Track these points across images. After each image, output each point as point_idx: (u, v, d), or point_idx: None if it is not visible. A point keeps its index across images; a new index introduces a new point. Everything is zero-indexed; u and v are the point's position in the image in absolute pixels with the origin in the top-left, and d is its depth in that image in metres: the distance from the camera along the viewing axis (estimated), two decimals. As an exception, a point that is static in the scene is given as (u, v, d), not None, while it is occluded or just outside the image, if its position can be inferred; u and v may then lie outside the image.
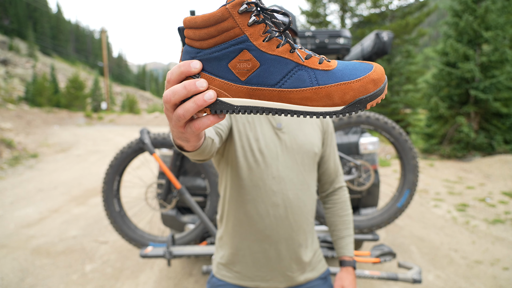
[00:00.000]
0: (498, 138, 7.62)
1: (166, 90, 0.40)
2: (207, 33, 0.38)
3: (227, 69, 0.39)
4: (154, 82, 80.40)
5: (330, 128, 1.12)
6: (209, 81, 0.39)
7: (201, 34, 0.38)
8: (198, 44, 0.39)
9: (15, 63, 33.21)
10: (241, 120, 0.99)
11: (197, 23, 0.37)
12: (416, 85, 12.23)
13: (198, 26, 0.38)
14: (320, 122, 1.09)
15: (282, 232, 0.97)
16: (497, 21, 7.50)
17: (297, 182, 0.99)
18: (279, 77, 0.38)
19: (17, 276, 2.56)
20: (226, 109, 0.40)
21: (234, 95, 0.39)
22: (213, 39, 0.38)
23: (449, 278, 2.53)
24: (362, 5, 13.19)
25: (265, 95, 0.39)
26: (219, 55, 0.38)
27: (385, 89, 0.40)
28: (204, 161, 0.72)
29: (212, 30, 0.37)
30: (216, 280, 1.04)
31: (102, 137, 12.75)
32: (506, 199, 4.69)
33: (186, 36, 0.39)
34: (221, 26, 0.37)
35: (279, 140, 0.99)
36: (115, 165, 1.94)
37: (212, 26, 0.37)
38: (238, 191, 0.98)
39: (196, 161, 0.71)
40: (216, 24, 0.37)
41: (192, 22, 0.38)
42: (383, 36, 2.40)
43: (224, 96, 0.39)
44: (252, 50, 0.38)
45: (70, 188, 5.25)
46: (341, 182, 1.15)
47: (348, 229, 1.10)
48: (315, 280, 1.05)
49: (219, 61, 0.39)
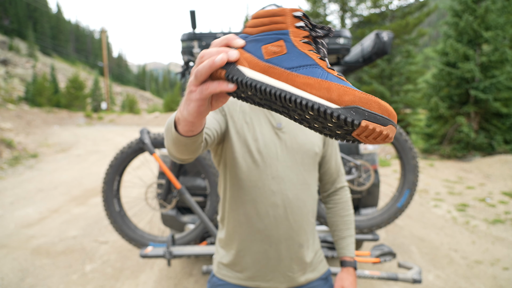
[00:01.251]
0: (498, 138, 7.62)
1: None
2: (261, 21, 0.45)
3: (259, 49, 0.44)
4: (154, 82, 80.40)
5: None
6: (240, 53, 0.45)
7: (257, 22, 0.45)
8: (249, 30, 0.46)
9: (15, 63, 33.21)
10: (239, 121, 0.98)
11: (260, 13, 0.45)
12: (416, 85, 12.22)
13: (259, 16, 0.45)
14: None
15: (282, 233, 0.97)
16: (497, 21, 7.49)
17: (297, 182, 0.99)
18: (296, 64, 0.42)
19: (17, 276, 2.56)
20: (236, 75, 0.43)
21: (251, 67, 0.44)
22: (262, 27, 0.45)
23: (449, 278, 2.53)
24: (362, 5, 13.18)
25: (275, 73, 0.42)
26: (259, 38, 0.45)
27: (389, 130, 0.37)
28: (185, 160, 0.72)
29: (266, 20, 0.45)
30: (217, 280, 1.04)
31: (102, 137, 12.76)
32: (506, 199, 4.69)
33: (247, 25, 0.47)
34: (274, 19, 0.44)
35: (279, 140, 0.99)
36: (115, 165, 1.94)
37: (267, 17, 0.44)
38: (237, 191, 0.98)
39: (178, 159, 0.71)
40: (271, 16, 0.44)
41: (257, 13, 0.46)
42: (383, 36, 2.40)
43: (242, 65, 0.44)
44: (287, 41, 0.43)
45: (70, 188, 5.25)
46: (343, 182, 1.14)
47: (349, 229, 1.10)
48: (316, 281, 1.05)
49: (257, 42, 0.45)
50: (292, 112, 0.43)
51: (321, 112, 0.37)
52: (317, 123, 0.41)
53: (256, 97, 0.44)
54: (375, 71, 11.92)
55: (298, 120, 0.44)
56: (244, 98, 0.47)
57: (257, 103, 0.46)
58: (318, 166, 1.11)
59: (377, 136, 0.38)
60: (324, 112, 0.37)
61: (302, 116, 0.42)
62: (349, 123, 0.36)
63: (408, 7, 12.77)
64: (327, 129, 0.41)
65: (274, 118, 1.01)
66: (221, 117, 0.96)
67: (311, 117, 0.41)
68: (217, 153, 1.02)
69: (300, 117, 0.43)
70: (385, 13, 12.77)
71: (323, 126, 0.41)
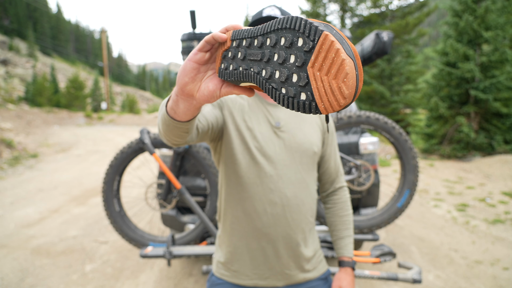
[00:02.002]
0: (498, 138, 7.62)
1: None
2: None
3: None
4: (154, 82, 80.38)
5: (331, 128, 1.12)
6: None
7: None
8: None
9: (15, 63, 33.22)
10: (238, 119, 0.99)
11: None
12: (416, 85, 12.22)
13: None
14: (320, 121, 1.09)
15: (280, 230, 0.97)
16: (497, 21, 7.49)
17: (295, 180, 0.99)
18: None
19: (17, 276, 2.56)
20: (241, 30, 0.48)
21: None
22: None
23: (449, 278, 2.53)
24: (362, 5, 13.18)
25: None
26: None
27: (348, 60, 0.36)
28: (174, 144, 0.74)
29: None
30: (216, 279, 1.05)
31: (102, 137, 12.76)
32: (506, 199, 4.69)
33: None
34: None
35: (278, 138, 1.00)
36: (115, 165, 1.94)
37: None
38: (235, 189, 0.99)
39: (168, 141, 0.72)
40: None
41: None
42: (383, 36, 2.40)
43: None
44: None
45: (70, 188, 5.25)
46: (342, 182, 1.15)
47: (348, 229, 1.10)
48: (316, 280, 1.05)
49: None
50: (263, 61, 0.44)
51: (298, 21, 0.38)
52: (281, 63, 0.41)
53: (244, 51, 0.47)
54: (375, 71, 11.92)
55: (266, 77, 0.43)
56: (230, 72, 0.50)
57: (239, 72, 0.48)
58: (317, 166, 1.12)
59: (332, 61, 0.35)
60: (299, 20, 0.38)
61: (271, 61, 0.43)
62: (314, 28, 0.36)
63: (408, 7, 12.78)
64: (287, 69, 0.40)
65: (273, 117, 1.01)
66: (219, 112, 0.97)
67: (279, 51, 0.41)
68: (216, 150, 1.03)
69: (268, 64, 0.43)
70: (385, 13, 12.77)
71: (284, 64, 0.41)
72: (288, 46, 0.40)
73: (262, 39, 0.45)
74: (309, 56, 0.37)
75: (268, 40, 0.43)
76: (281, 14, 0.97)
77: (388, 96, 11.38)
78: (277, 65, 0.42)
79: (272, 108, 1.03)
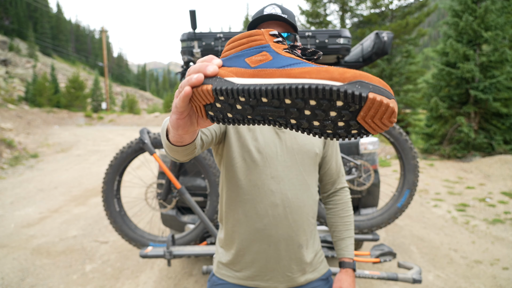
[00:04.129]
0: (498, 138, 7.62)
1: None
2: (239, 42, 0.45)
3: (243, 62, 0.44)
4: (154, 82, 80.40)
5: None
6: (223, 70, 0.44)
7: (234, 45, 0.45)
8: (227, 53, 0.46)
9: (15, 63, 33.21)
10: None
11: (236, 37, 0.45)
12: (416, 85, 12.22)
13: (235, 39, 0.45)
14: None
15: (282, 232, 0.97)
16: (497, 21, 7.50)
17: (297, 182, 0.99)
18: (286, 63, 0.42)
19: (17, 276, 2.56)
20: (226, 85, 0.41)
21: (239, 76, 0.43)
22: (241, 46, 0.45)
23: (449, 278, 2.53)
24: (362, 5, 13.19)
25: (267, 73, 0.41)
26: (241, 54, 0.45)
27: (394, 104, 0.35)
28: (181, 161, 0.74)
29: (244, 40, 0.45)
30: (216, 279, 1.05)
31: (102, 137, 12.76)
32: (506, 199, 4.69)
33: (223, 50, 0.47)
34: (252, 38, 0.45)
35: (279, 140, 0.99)
36: (115, 165, 1.94)
37: (245, 38, 0.45)
38: (237, 191, 0.99)
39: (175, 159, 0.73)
40: (248, 37, 0.45)
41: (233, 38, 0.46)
42: (383, 36, 2.40)
43: (230, 77, 0.43)
44: (270, 52, 0.44)
45: (70, 188, 5.25)
46: (343, 183, 1.15)
47: (348, 230, 1.10)
48: (316, 281, 1.05)
49: (239, 57, 0.45)
50: (289, 114, 0.40)
51: (327, 92, 0.35)
52: (318, 117, 0.38)
53: (248, 106, 0.41)
54: (375, 71, 11.92)
55: (296, 123, 0.41)
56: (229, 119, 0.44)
57: (245, 119, 0.43)
58: (319, 166, 1.11)
59: (384, 113, 0.35)
60: (330, 91, 0.34)
61: (302, 114, 0.39)
62: (357, 96, 0.34)
63: (408, 7, 12.77)
64: (330, 121, 0.38)
65: None
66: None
67: (312, 110, 0.37)
68: (217, 152, 1.03)
69: (298, 117, 0.39)
70: (385, 13, 12.77)
71: (324, 119, 0.38)
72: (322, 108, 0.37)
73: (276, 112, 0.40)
74: (355, 113, 0.36)
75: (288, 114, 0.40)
76: (282, 12, 0.96)
77: (388, 96, 11.37)
78: (311, 118, 0.39)
79: None
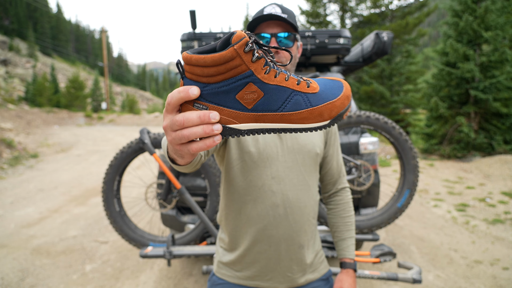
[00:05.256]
0: (498, 138, 7.62)
1: (179, 115, 0.43)
2: (217, 71, 0.42)
3: (235, 100, 0.44)
4: (154, 82, 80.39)
5: (334, 128, 1.11)
6: (218, 111, 0.44)
7: (210, 71, 0.42)
8: (205, 80, 0.43)
9: (15, 63, 33.21)
10: None
11: (207, 62, 0.41)
12: (416, 85, 12.22)
13: (207, 65, 0.42)
14: None
15: (282, 233, 0.97)
16: (497, 21, 7.50)
17: (297, 182, 0.99)
18: (280, 103, 0.45)
19: (17, 276, 2.56)
20: (234, 133, 0.45)
21: (241, 122, 0.45)
22: (221, 75, 0.43)
23: (449, 278, 2.53)
24: (362, 5, 13.19)
25: (269, 118, 0.45)
26: (227, 89, 0.43)
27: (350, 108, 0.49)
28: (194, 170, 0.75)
29: (222, 68, 0.42)
30: (216, 279, 1.05)
31: (102, 137, 12.76)
32: (506, 199, 4.70)
33: (191, 72, 0.43)
34: (230, 64, 0.42)
35: (280, 140, 0.99)
36: (115, 165, 1.94)
37: (221, 64, 0.42)
38: (237, 191, 0.98)
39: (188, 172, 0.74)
40: (226, 63, 0.42)
41: (201, 61, 0.41)
42: (383, 36, 2.40)
43: (232, 123, 0.45)
44: (256, 82, 0.44)
45: (70, 188, 5.25)
46: (344, 183, 1.14)
47: (349, 230, 1.10)
48: (317, 281, 1.05)
49: (227, 93, 0.44)
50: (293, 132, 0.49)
51: (320, 129, 0.47)
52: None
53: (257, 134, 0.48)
54: (375, 71, 11.92)
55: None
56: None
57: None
58: (320, 166, 1.11)
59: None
60: (321, 128, 0.47)
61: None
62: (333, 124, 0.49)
63: (408, 7, 12.78)
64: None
65: None
66: None
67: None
68: (218, 153, 1.03)
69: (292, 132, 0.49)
70: (385, 13, 12.77)
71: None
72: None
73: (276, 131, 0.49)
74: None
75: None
76: (282, 12, 0.96)
77: (388, 96, 11.38)
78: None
79: None
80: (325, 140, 1.08)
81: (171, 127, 0.43)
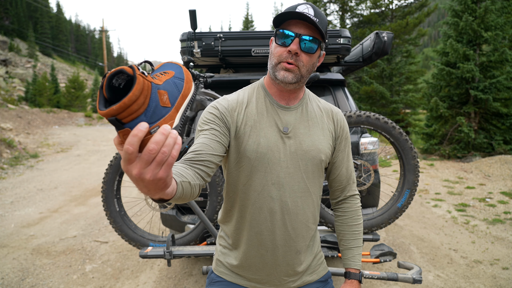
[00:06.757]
0: (498, 138, 7.62)
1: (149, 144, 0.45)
2: (141, 101, 0.47)
3: (162, 108, 0.51)
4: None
5: (345, 134, 1.07)
6: (163, 122, 0.50)
7: (140, 101, 0.46)
8: (142, 109, 0.48)
9: (15, 63, 33.21)
10: (242, 125, 0.95)
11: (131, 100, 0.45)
12: (416, 85, 12.22)
13: (137, 98, 0.46)
14: (333, 127, 1.04)
15: (279, 239, 0.96)
16: (497, 21, 7.50)
17: (298, 189, 0.97)
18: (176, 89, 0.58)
19: (17, 275, 2.56)
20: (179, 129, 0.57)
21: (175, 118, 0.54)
22: (145, 103, 0.48)
23: (449, 278, 2.53)
24: (362, 5, 13.19)
25: (180, 102, 0.56)
26: (155, 104, 0.50)
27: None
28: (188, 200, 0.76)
29: (142, 98, 0.47)
30: (215, 276, 1.06)
31: (102, 137, 12.76)
32: (505, 199, 4.70)
33: (128, 113, 0.46)
34: (144, 90, 0.47)
35: (283, 144, 0.96)
36: (115, 165, 1.94)
37: (141, 95, 0.47)
38: (238, 195, 0.98)
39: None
40: (143, 88, 0.47)
41: (126, 105, 0.45)
42: (383, 36, 2.40)
43: (173, 123, 0.53)
44: (160, 87, 0.52)
45: (70, 188, 5.25)
46: (353, 190, 1.11)
47: (356, 240, 1.07)
48: (315, 283, 1.05)
49: (157, 107, 0.50)
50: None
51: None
52: None
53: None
54: (375, 71, 11.92)
55: None
56: None
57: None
58: (328, 172, 1.09)
59: None
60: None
61: None
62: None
63: (408, 7, 12.77)
64: None
65: (282, 121, 0.97)
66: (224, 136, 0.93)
67: None
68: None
69: None
70: (385, 13, 12.77)
71: None
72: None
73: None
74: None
75: None
76: (315, 15, 0.90)
77: (388, 96, 11.38)
78: None
79: (283, 111, 0.98)
80: (334, 146, 1.04)
81: (146, 161, 0.45)
